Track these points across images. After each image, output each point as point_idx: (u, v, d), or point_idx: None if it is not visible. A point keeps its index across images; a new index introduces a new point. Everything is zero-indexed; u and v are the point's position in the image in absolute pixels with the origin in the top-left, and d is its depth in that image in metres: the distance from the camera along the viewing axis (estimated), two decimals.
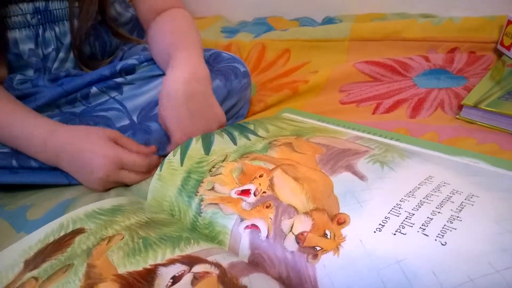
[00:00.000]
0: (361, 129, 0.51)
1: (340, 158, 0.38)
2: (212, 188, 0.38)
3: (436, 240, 0.27)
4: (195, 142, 0.44)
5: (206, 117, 0.48)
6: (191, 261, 0.29)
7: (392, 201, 0.31)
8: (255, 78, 0.72)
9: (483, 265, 0.25)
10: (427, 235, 0.28)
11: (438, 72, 0.62)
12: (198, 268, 0.28)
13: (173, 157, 0.43)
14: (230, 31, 0.94)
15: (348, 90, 0.64)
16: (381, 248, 0.28)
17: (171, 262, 0.29)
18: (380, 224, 0.29)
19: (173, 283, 0.27)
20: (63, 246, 0.33)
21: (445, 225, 0.28)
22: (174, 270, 0.28)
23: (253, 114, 0.64)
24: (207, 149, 0.43)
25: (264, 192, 0.35)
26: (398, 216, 0.30)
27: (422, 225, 0.28)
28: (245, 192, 0.36)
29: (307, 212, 0.32)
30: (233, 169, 0.39)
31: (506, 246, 0.26)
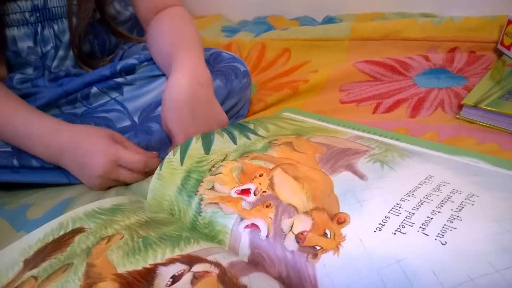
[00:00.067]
0: (361, 129, 0.51)
1: (340, 158, 0.38)
2: (212, 188, 0.38)
3: (436, 240, 0.27)
4: (195, 142, 0.44)
5: (209, 120, 0.48)
6: (191, 261, 0.29)
7: (392, 201, 0.31)
8: (255, 78, 0.72)
9: (483, 265, 0.25)
10: (427, 235, 0.28)
11: (438, 72, 0.62)
12: (198, 268, 0.28)
13: (173, 157, 0.43)
14: (230, 31, 0.94)
15: (348, 90, 0.64)
16: (381, 248, 0.28)
17: (171, 262, 0.29)
18: (380, 224, 0.29)
19: (173, 283, 0.27)
20: (63, 246, 0.32)
21: (445, 225, 0.28)
22: (174, 270, 0.28)
23: (253, 114, 0.64)
24: (207, 149, 0.43)
25: (264, 192, 0.35)
26: (398, 216, 0.30)
27: (422, 225, 0.28)
28: (245, 192, 0.36)
29: (307, 212, 0.32)
30: (233, 169, 0.39)
31: (506, 246, 0.26)
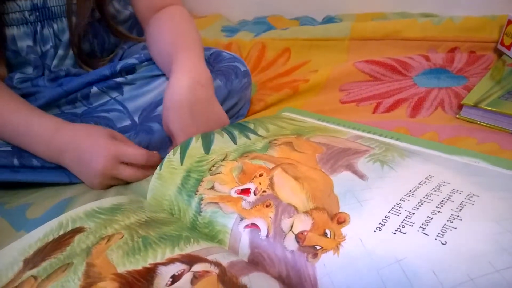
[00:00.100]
0: (361, 128, 0.51)
1: (340, 157, 0.38)
2: (212, 187, 0.38)
3: (436, 240, 0.27)
4: (195, 141, 0.44)
5: (209, 120, 0.48)
6: (191, 260, 0.29)
7: (392, 201, 0.31)
8: (255, 78, 0.72)
9: (483, 265, 0.25)
10: (427, 235, 0.27)
11: (438, 72, 0.62)
12: (198, 267, 0.28)
13: (173, 156, 0.43)
14: (230, 30, 0.94)
15: (348, 89, 0.64)
16: (381, 247, 0.28)
17: (171, 261, 0.29)
18: (380, 223, 0.29)
19: (173, 282, 0.27)
20: (63, 245, 0.32)
21: (445, 225, 0.28)
22: (174, 269, 0.28)
23: (253, 113, 0.64)
24: (207, 148, 0.43)
25: (264, 191, 0.35)
26: (398, 216, 0.30)
27: (422, 225, 0.28)
28: (245, 191, 0.36)
29: (307, 211, 0.32)
30: (233, 168, 0.39)
31: (506, 246, 0.26)
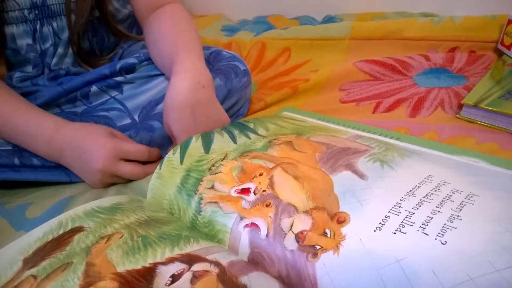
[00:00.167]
0: (361, 128, 0.51)
1: (340, 157, 0.38)
2: (212, 187, 0.38)
3: (436, 239, 0.27)
4: (195, 141, 0.44)
5: (210, 121, 0.48)
6: (191, 260, 0.29)
7: (392, 200, 0.31)
8: (255, 77, 0.72)
9: (483, 264, 0.25)
10: (427, 234, 0.27)
11: (438, 71, 0.62)
12: (198, 267, 0.28)
13: (173, 156, 0.43)
14: (231, 30, 0.94)
15: (348, 89, 0.64)
16: (381, 247, 0.27)
17: (171, 261, 0.29)
18: (380, 223, 0.29)
19: (173, 282, 0.27)
20: (62, 245, 0.32)
21: (445, 224, 0.28)
22: (174, 269, 0.28)
23: (253, 113, 0.64)
24: (207, 148, 0.43)
25: (264, 191, 0.35)
26: (398, 215, 0.29)
27: (422, 224, 0.28)
28: (245, 191, 0.36)
29: (307, 211, 0.32)
30: (233, 168, 0.39)
31: (506, 245, 0.26)
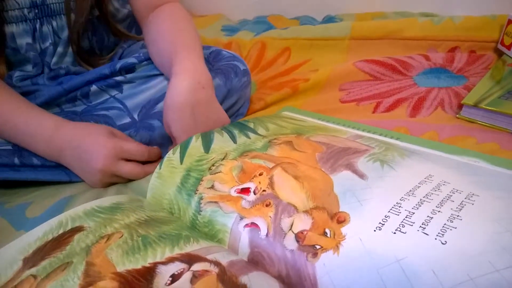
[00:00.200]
0: (361, 128, 0.51)
1: (340, 157, 0.38)
2: (212, 186, 0.38)
3: (436, 239, 0.27)
4: (195, 140, 0.44)
5: (210, 121, 0.48)
6: (191, 260, 0.29)
7: (392, 200, 0.31)
8: (255, 77, 0.72)
9: (483, 264, 0.25)
10: (427, 234, 0.27)
11: (438, 71, 0.62)
12: (198, 267, 0.28)
13: (173, 155, 0.43)
14: (231, 30, 0.94)
15: (348, 89, 0.64)
16: (381, 247, 0.27)
17: (170, 261, 0.29)
18: (380, 223, 0.29)
19: (172, 282, 0.27)
20: (62, 244, 0.32)
21: (445, 224, 0.28)
22: (174, 269, 0.28)
23: (253, 112, 0.64)
24: (207, 147, 0.43)
25: (264, 191, 0.35)
26: (398, 215, 0.29)
27: (422, 224, 0.28)
28: (245, 191, 0.36)
29: (307, 211, 0.32)
30: (233, 167, 0.39)
31: (506, 245, 0.26)
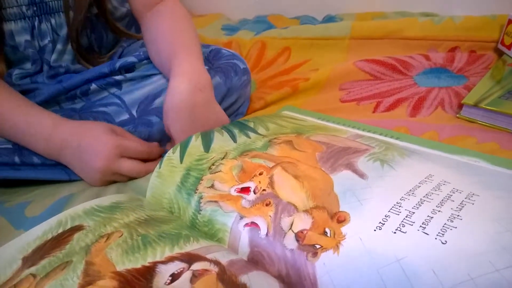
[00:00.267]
0: (361, 128, 0.51)
1: (340, 156, 0.38)
2: (212, 186, 0.38)
3: (436, 239, 0.27)
4: (195, 140, 0.44)
5: (209, 123, 0.48)
6: (190, 259, 0.29)
7: (392, 200, 0.31)
8: (255, 76, 0.72)
9: (483, 264, 0.25)
10: (427, 234, 0.27)
11: (439, 71, 0.62)
12: (197, 266, 0.28)
13: (173, 154, 0.43)
14: (231, 29, 0.94)
15: (349, 88, 0.64)
16: (381, 247, 0.27)
17: (170, 260, 0.29)
18: (380, 223, 0.29)
19: (172, 281, 0.27)
20: (62, 243, 0.32)
21: (446, 224, 0.28)
22: (173, 268, 0.28)
23: (253, 112, 0.64)
24: (207, 147, 0.43)
25: (264, 190, 0.35)
26: (398, 215, 0.29)
27: (423, 224, 0.28)
28: (245, 190, 0.36)
29: (307, 210, 0.32)
30: (233, 167, 0.39)
31: (506, 245, 0.26)
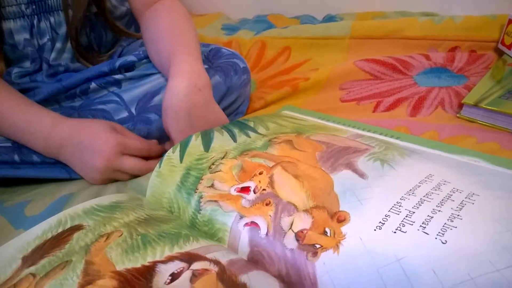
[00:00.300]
0: (362, 127, 0.51)
1: (341, 156, 0.38)
2: (212, 185, 0.38)
3: (437, 239, 0.27)
4: (195, 139, 0.44)
5: (208, 123, 0.48)
6: (190, 258, 0.29)
7: (393, 199, 0.31)
8: (255, 75, 0.72)
9: (484, 264, 0.25)
10: (428, 233, 0.27)
11: (439, 71, 0.62)
12: (197, 265, 0.28)
13: (173, 154, 0.43)
14: (231, 29, 0.94)
15: (349, 88, 0.63)
16: (381, 246, 0.27)
17: (170, 259, 0.29)
18: (380, 222, 0.29)
19: (172, 280, 0.27)
20: (61, 243, 0.32)
21: (446, 224, 0.28)
22: (173, 267, 0.28)
23: (253, 111, 0.64)
24: (207, 146, 0.43)
25: (264, 190, 0.35)
26: (399, 214, 0.29)
27: (423, 223, 0.28)
28: (245, 189, 0.36)
29: (307, 210, 0.32)
30: (233, 166, 0.39)
31: (507, 245, 0.26)
